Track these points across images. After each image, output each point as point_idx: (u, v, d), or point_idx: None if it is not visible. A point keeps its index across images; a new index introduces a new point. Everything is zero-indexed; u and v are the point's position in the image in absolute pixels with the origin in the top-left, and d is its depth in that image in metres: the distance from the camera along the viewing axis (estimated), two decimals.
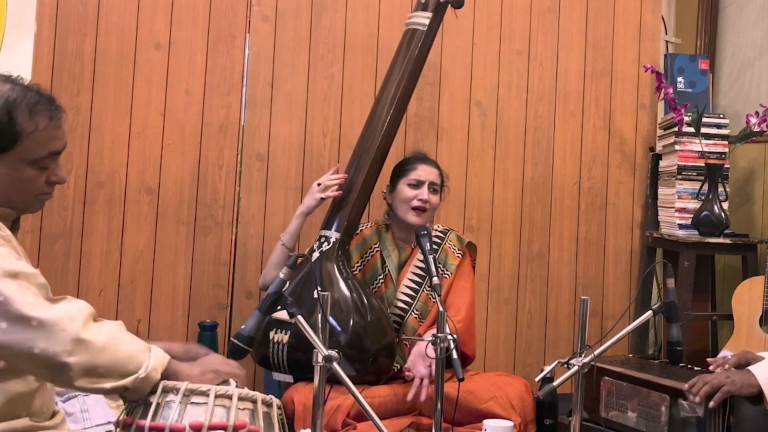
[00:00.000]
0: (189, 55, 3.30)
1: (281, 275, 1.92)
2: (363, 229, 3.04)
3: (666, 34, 4.14)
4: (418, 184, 2.96)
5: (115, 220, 3.20)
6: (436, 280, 2.39)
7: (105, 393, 1.69)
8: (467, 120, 3.69)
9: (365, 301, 2.78)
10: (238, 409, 1.67)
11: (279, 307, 1.87)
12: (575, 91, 3.85)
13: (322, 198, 2.92)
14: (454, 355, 2.23)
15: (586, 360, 2.17)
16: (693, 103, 3.69)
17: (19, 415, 1.68)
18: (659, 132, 3.91)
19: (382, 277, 2.98)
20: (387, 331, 2.80)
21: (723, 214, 3.55)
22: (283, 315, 1.88)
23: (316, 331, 1.84)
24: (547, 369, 2.33)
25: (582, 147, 3.85)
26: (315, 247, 2.89)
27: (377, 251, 3.01)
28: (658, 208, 3.85)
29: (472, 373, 2.94)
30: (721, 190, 3.58)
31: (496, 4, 3.73)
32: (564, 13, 3.84)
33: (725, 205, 3.61)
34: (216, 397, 1.66)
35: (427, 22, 3.03)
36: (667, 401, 2.55)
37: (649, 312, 2.23)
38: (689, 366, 2.78)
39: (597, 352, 2.19)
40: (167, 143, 3.27)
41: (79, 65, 3.15)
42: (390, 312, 2.92)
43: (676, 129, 3.68)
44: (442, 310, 2.30)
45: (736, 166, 3.87)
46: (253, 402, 1.70)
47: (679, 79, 3.85)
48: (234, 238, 3.34)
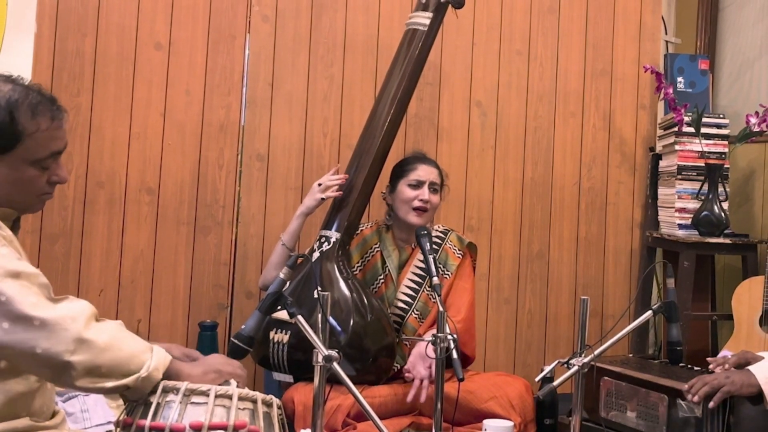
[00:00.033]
0: (189, 55, 3.30)
1: (281, 275, 1.92)
2: (363, 230, 3.04)
3: (666, 34, 4.14)
4: (419, 185, 2.96)
5: (116, 220, 3.20)
6: (436, 280, 2.40)
7: (106, 392, 1.69)
8: (467, 120, 3.69)
9: (365, 301, 2.78)
10: (238, 409, 1.66)
11: (279, 307, 1.87)
12: (575, 91, 3.85)
13: (323, 198, 2.92)
14: (454, 355, 2.23)
15: (586, 360, 2.17)
16: (693, 103, 3.69)
17: (19, 415, 1.68)
18: (659, 132, 3.91)
19: (382, 277, 2.98)
20: (387, 331, 2.80)
21: (723, 214, 3.55)
22: (283, 315, 1.88)
23: (316, 331, 1.84)
24: (547, 369, 2.33)
25: (582, 147, 3.85)
26: (315, 247, 2.89)
27: (377, 251, 3.01)
28: (658, 208, 3.85)
29: (472, 372, 2.94)
30: (721, 190, 3.58)
31: (496, 4, 3.74)
32: (564, 13, 3.84)
33: (725, 205, 3.61)
34: (216, 397, 1.65)
35: (427, 22, 3.02)
36: (666, 401, 2.55)
37: (649, 312, 2.23)
38: (689, 366, 2.78)
39: (597, 352, 2.19)
40: (167, 143, 3.27)
41: (79, 65, 3.15)
42: (390, 312, 2.92)
43: (676, 129, 3.68)
44: (442, 310, 2.30)
45: (736, 166, 3.87)
46: (254, 402, 1.70)
47: (679, 79, 3.85)
48: (234, 238, 3.35)
